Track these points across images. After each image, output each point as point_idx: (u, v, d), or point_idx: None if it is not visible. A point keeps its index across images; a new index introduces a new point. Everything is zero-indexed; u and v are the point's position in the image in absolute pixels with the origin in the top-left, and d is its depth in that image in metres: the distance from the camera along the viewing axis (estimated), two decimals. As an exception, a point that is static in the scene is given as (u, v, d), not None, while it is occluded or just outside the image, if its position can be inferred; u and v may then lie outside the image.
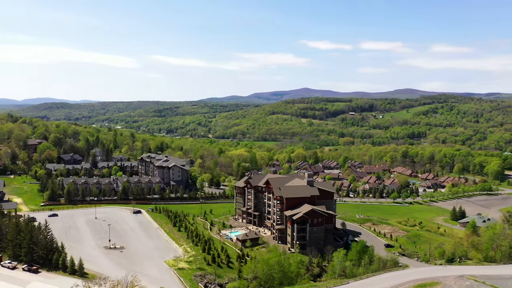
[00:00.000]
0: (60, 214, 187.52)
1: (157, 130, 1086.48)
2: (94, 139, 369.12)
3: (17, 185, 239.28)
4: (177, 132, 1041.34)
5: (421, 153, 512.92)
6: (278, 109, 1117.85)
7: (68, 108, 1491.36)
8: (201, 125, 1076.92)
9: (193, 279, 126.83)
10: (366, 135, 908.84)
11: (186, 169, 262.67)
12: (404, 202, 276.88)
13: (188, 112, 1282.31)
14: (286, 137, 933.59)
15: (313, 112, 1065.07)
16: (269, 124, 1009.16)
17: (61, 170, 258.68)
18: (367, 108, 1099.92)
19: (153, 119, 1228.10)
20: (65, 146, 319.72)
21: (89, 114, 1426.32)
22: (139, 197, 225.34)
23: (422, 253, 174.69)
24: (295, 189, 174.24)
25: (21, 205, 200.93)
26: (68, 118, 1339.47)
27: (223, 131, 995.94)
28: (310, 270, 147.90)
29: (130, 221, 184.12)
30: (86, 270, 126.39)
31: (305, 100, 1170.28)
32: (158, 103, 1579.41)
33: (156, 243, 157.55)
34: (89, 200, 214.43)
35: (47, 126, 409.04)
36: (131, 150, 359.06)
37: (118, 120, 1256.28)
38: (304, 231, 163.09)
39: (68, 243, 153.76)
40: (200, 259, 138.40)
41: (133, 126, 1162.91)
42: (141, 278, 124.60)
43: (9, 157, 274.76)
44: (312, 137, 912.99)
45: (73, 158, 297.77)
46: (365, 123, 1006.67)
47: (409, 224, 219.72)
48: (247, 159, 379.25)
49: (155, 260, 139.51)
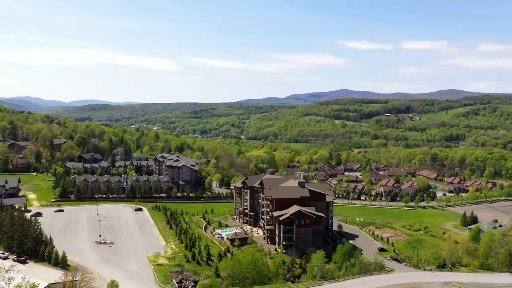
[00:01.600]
0: (66, 210, 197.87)
1: (192, 131, 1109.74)
2: (118, 139, 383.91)
3: (37, 182, 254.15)
4: (210, 133, 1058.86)
5: (451, 156, 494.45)
6: (312, 111, 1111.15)
7: (110, 109, 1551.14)
8: (234, 127, 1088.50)
9: (168, 275, 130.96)
10: (401, 137, 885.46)
11: (195, 169, 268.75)
12: (417, 206, 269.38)
13: (223, 114, 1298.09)
14: (318, 139, 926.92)
15: (347, 114, 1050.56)
16: (302, 125, 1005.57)
17: (79, 168, 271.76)
18: (404, 110, 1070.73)
19: (189, 120, 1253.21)
20: (88, 146, 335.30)
21: (130, 115, 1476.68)
22: (146, 195, 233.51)
23: (418, 258, 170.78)
24: (285, 190, 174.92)
25: (33, 201, 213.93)
26: (110, 119, 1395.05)
27: (255, 133, 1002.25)
28: (291, 270, 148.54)
29: (129, 218, 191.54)
30: (69, 262, 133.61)
31: (340, 102, 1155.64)
32: (195, 105, 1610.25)
33: (146, 240, 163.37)
34: (98, 197, 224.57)
35: (77, 126, 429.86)
36: (152, 150, 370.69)
37: (156, 121, 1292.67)
38: (291, 232, 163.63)
39: (64, 237, 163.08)
40: (181, 256, 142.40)
41: (170, 127, 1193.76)
42: (118, 271, 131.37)
43: (33, 155, 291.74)
44: (344, 138, 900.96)
45: (93, 157, 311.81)
46: (401, 125, 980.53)
47: (413, 229, 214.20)
48: (265, 160, 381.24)
49: (139, 256, 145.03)
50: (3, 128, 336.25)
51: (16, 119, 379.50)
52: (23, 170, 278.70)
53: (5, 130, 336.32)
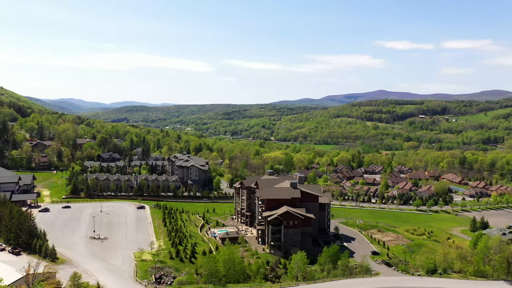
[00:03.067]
0: (73, 207, 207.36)
1: (223, 132, 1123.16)
2: (140, 140, 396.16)
3: (54, 180, 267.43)
4: (241, 134, 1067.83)
5: (481, 160, 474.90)
6: (343, 112, 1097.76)
7: (146, 111, 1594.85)
8: (264, 128, 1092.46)
9: (149, 270, 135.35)
10: (435, 140, 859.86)
11: (204, 169, 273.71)
12: (429, 210, 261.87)
13: (255, 115, 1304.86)
14: (348, 141, 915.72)
15: (379, 115, 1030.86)
16: (332, 127, 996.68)
17: (95, 167, 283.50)
18: (440, 111, 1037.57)
19: (221, 121, 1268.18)
20: (108, 146, 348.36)
21: (165, 116, 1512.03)
22: (153, 194, 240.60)
23: (414, 263, 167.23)
24: (277, 191, 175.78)
25: (46, 197, 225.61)
26: (146, 120, 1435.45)
27: (285, 134, 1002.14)
28: (274, 271, 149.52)
29: (129, 215, 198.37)
30: (60, 255, 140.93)
31: (373, 103, 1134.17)
32: (229, 106, 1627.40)
33: (138, 236, 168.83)
34: (106, 195, 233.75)
35: (103, 127, 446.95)
36: (171, 150, 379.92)
37: (189, 122, 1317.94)
38: (279, 232, 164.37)
39: (62, 231, 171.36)
40: (165, 253, 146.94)
41: (202, 128, 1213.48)
42: (101, 265, 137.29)
43: (55, 154, 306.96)
44: (375, 140, 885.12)
45: (111, 156, 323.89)
46: (435, 127, 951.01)
47: (417, 233, 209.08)
48: (282, 162, 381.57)
49: (126, 251, 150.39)
50: (31, 128, 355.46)
51: (45, 119, 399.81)
52: (45, 168, 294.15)
53: (33, 130, 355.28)
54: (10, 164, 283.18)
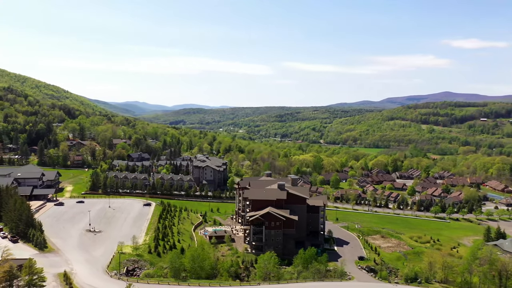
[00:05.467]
0: (86, 202, 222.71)
1: (273, 135, 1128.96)
2: (175, 140, 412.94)
3: (82, 177, 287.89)
4: (290, 137, 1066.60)
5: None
6: (398, 115, 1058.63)
7: (203, 113, 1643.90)
8: (315, 130, 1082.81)
9: (124, 262, 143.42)
10: (496, 144, 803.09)
11: (219, 170, 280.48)
12: (448, 217, 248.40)
13: (308, 117, 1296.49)
14: (401, 144, 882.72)
15: (436, 118, 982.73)
16: (384, 130, 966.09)
17: (122, 166, 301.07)
18: (504, 114, 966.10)
19: (273, 124, 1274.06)
20: (141, 146, 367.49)
21: (220, 119, 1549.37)
22: (166, 192, 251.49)
23: (404, 270, 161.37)
24: (263, 192, 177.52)
25: (68, 192, 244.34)
26: (201, 122, 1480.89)
27: (334, 137, 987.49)
28: (248, 270, 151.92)
29: (133, 211, 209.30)
30: (51, 245, 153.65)
31: (430, 105, 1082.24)
32: (283, 109, 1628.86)
33: (131, 231, 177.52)
34: (122, 192, 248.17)
35: (145, 128, 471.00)
36: (201, 151, 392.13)
37: (242, 125, 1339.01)
38: (261, 233, 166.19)
39: (65, 224, 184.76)
40: (145, 247, 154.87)
41: (254, 130, 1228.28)
42: (83, 255, 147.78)
43: (89, 153, 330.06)
44: (428, 144, 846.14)
45: (141, 156, 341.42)
46: (498, 130, 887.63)
47: (421, 241, 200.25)
48: (310, 164, 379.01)
49: (112, 244, 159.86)
50: (73, 129, 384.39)
51: (89, 121, 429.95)
52: (78, 166, 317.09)
53: (75, 131, 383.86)
54: (48, 161, 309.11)
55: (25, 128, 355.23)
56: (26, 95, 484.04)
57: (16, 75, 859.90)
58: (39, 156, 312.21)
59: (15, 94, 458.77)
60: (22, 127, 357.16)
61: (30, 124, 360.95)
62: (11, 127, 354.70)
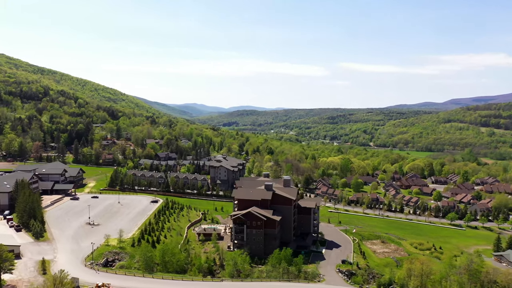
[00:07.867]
0: (100, 197, 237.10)
1: (323, 137, 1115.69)
2: (206, 141, 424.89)
3: (108, 174, 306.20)
4: (340, 139, 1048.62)
5: None
6: (455, 117, 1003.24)
7: (256, 115, 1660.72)
8: (365, 133, 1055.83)
9: (105, 254, 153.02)
10: None
11: (234, 170, 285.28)
12: (465, 225, 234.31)
13: (360, 119, 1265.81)
14: (456, 148, 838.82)
15: (497, 120, 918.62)
16: (439, 133, 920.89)
17: (146, 164, 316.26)
18: None
19: (325, 125, 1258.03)
20: (171, 146, 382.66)
21: (272, 120, 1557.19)
22: (179, 191, 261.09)
23: (389, 276, 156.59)
24: (249, 192, 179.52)
25: (88, 188, 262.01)
26: (254, 123, 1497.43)
27: (385, 140, 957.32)
28: (223, 267, 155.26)
29: (138, 207, 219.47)
30: (48, 235, 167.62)
31: (492, 106, 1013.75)
32: (337, 110, 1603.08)
33: (127, 225, 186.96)
34: (137, 189, 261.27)
35: (182, 128, 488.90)
36: (230, 151, 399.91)
37: (293, 126, 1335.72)
38: (242, 232, 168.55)
39: (71, 216, 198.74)
40: (129, 240, 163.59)
41: (305, 132, 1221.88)
42: (71, 245, 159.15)
43: (120, 152, 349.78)
44: (486, 148, 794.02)
45: (168, 155, 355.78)
46: None
47: (421, 247, 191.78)
48: (338, 167, 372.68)
49: (102, 237, 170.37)
50: (110, 130, 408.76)
51: (129, 122, 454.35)
52: (109, 164, 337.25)
53: (112, 131, 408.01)
54: (82, 159, 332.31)
55: (67, 128, 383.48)
56: (77, 98, 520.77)
57: (78, 79, 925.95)
58: (74, 154, 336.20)
59: (66, 97, 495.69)
60: (64, 127, 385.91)
61: (71, 124, 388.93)
62: (55, 127, 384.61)
